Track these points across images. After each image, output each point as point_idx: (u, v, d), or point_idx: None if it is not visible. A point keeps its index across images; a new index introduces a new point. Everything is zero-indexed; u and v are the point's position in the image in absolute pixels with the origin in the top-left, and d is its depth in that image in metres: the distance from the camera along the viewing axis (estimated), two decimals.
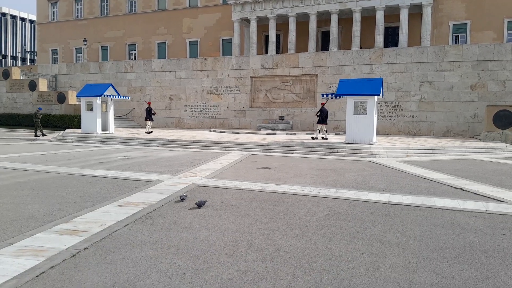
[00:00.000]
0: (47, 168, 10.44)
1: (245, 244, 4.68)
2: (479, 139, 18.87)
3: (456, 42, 31.80)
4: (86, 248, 4.44)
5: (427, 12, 30.08)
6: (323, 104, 18.55)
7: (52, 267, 3.92)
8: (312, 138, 17.95)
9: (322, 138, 17.98)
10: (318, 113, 18.22)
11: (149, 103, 21.79)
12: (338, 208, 6.46)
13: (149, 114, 21.00)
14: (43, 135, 21.55)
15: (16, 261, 4.02)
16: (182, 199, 6.86)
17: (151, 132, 20.88)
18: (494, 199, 7.25)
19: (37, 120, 21.53)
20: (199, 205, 6.41)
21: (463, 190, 8.10)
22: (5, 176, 9.20)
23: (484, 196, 7.51)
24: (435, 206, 6.63)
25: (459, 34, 32.00)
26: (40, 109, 22.55)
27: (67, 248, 4.40)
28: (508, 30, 30.55)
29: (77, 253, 4.30)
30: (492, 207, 6.63)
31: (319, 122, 18.29)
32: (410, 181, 9.21)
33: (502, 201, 7.07)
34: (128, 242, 4.68)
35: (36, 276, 3.70)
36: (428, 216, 6.05)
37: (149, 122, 21.08)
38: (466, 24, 31.56)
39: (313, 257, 4.29)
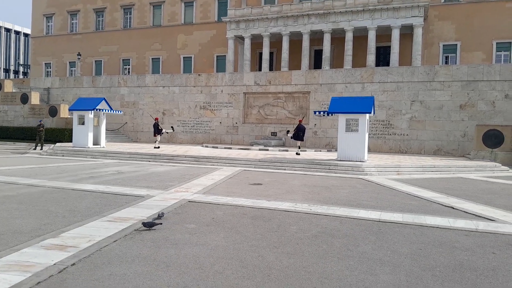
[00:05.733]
0: (36, 181, 10.31)
1: (236, 261, 4.64)
2: (469, 158, 19.04)
3: (446, 62, 32.42)
4: (73, 264, 4.37)
5: (418, 33, 30.70)
6: (300, 121, 19.29)
7: (39, 283, 3.84)
8: (297, 154, 18.50)
9: (296, 154, 18.50)
10: (295, 130, 18.66)
11: (156, 119, 21.82)
12: (330, 225, 6.45)
13: (157, 129, 21.13)
14: (41, 148, 21.12)
15: (2, 276, 3.94)
16: (153, 220, 6.09)
17: (159, 147, 21.01)
18: (484, 217, 7.29)
19: (38, 133, 21.38)
20: (147, 225, 5.81)
21: (453, 208, 8.14)
22: None
23: (474, 214, 7.55)
24: (425, 224, 6.65)
25: (449, 55, 32.65)
26: (40, 121, 22.43)
27: (54, 264, 4.32)
28: (497, 51, 31.25)
29: (64, 269, 4.22)
30: (482, 225, 6.66)
31: (295, 138, 18.80)
32: (401, 199, 9.24)
33: (492, 220, 7.11)
34: (117, 258, 4.61)
35: None
36: (419, 234, 6.05)
37: (158, 138, 21.32)
38: (456, 45, 32.25)
39: (304, 275, 4.26)
